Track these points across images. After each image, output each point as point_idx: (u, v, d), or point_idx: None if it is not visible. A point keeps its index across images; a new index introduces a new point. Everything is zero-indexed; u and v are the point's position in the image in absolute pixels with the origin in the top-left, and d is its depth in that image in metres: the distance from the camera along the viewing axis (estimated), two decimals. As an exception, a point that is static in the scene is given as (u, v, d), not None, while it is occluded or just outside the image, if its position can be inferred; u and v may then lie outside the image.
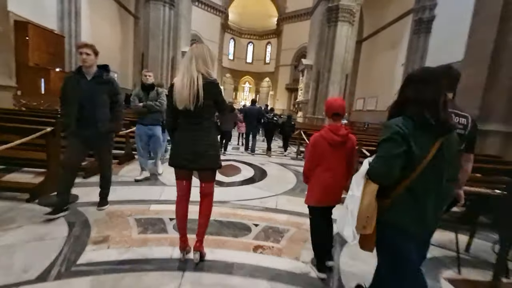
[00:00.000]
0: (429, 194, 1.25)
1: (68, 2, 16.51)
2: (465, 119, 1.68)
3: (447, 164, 1.26)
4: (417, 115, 1.22)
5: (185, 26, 19.40)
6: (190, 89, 1.81)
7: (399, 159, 1.21)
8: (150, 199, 3.34)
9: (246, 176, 4.83)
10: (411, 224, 1.27)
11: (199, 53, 1.89)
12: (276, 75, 32.64)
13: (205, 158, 1.94)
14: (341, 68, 18.14)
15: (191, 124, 1.93)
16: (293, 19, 30.02)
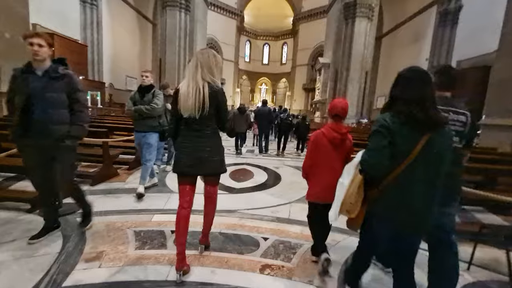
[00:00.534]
0: (417, 186, 1.30)
1: (90, 13, 17.09)
2: (464, 116, 1.69)
3: (438, 159, 1.30)
4: (404, 112, 1.30)
5: (201, 31, 19.48)
6: (195, 98, 1.79)
7: (386, 149, 1.30)
8: (154, 208, 3.13)
9: (258, 182, 4.52)
10: (396, 214, 1.33)
11: (205, 61, 1.85)
12: (293, 75, 32.14)
13: (208, 164, 1.92)
14: (360, 66, 17.40)
15: (193, 130, 1.90)
16: (309, 18, 29.46)
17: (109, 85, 18.57)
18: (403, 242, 1.40)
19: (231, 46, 30.81)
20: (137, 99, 3.52)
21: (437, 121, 1.29)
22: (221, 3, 28.15)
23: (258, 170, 5.28)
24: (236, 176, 4.70)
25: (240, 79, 34.37)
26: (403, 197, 1.31)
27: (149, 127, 3.55)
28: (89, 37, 17.05)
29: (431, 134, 1.28)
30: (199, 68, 1.83)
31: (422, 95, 1.30)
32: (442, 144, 1.31)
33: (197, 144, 1.89)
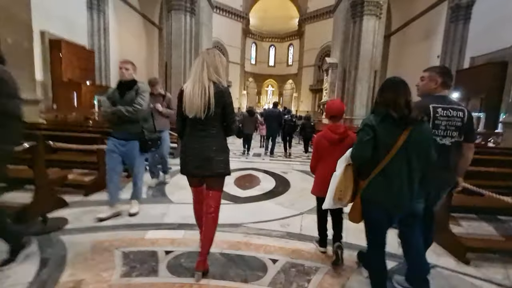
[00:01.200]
0: (401, 176, 1.53)
1: (98, 19, 17.09)
2: (462, 112, 1.80)
3: (418, 151, 1.52)
4: (382, 112, 1.56)
5: (206, 34, 19.28)
6: (201, 99, 1.74)
7: (369, 143, 1.55)
8: (149, 222, 2.78)
9: (266, 189, 4.13)
10: (383, 199, 1.56)
11: (211, 61, 1.81)
12: (300, 76, 31.66)
13: (213, 163, 1.85)
14: (369, 65, 16.84)
15: (198, 130, 1.85)
16: (315, 19, 28.97)
17: (116, 90, 18.56)
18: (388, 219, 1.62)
19: (237, 49, 30.58)
20: (116, 98, 2.78)
21: (411, 118, 1.50)
22: (227, 6, 27.97)
23: (265, 176, 4.89)
24: (241, 183, 4.33)
25: (247, 81, 34.08)
26: (388, 185, 1.54)
27: (130, 134, 2.80)
28: (96, 43, 17.04)
29: (410, 129, 1.50)
30: (205, 68, 1.78)
31: (395, 98, 1.52)
32: (421, 138, 1.52)
33: (203, 144, 1.84)
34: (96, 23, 17.01)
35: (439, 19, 16.39)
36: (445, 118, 1.78)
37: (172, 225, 2.71)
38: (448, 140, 1.79)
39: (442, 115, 1.78)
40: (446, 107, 1.79)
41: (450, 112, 1.78)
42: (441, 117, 1.78)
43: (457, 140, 1.80)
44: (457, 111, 1.79)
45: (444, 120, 1.78)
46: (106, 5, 17.34)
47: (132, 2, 19.80)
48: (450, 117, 1.78)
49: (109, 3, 17.64)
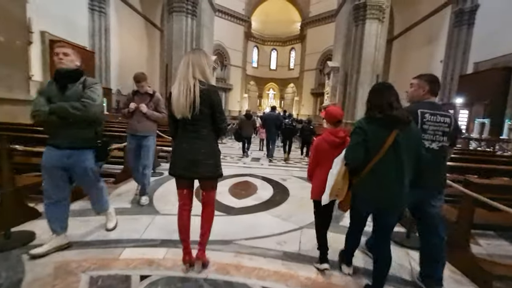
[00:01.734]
0: (390, 174, 1.62)
1: (99, 20, 16.89)
2: (449, 118, 1.88)
3: (406, 151, 1.60)
4: (371, 115, 1.68)
5: (208, 36, 19.05)
6: (186, 97, 1.69)
7: (361, 145, 1.64)
8: (127, 238, 2.42)
9: (262, 198, 3.77)
10: (372, 196, 1.69)
11: (196, 60, 1.76)
12: (301, 80, 31.40)
13: (203, 167, 1.81)
14: (371, 68, 16.54)
15: (188, 131, 1.80)
16: (317, 23, 28.78)
17: (116, 91, 18.29)
18: (382, 216, 1.75)
19: (239, 52, 30.39)
20: (53, 93, 2.00)
21: (399, 118, 1.58)
22: (229, 9, 27.82)
23: (262, 183, 4.54)
24: (237, 191, 3.98)
25: (248, 84, 33.85)
26: (378, 182, 1.63)
27: (80, 140, 2.08)
28: (97, 44, 16.84)
29: (398, 131, 1.58)
30: (190, 67, 1.74)
31: (380, 101, 1.63)
32: (409, 139, 1.60)
33: (192, 146, 1.79)
34: (97, 24, 16.81)
35: (443, 23, 16.10)
36: (433, 123, 1.84)
37: (154, 241, 2.37)
38: (436, 144, 1.85)
39: (429, 120, 1.84)
40: (434, 112, 1.85)
41: (437, 118, 1.85)
42: (428, 122, 1.84)
43: (444, 144, 1.87)
44: (444, 117, 1.86)
45: (432, 125, 1.84)
46: (107, 6, 17.15)
47: (133, 3, 19.63)
48: (437, 123, 1.84)
49: (111, 4, 17.46)
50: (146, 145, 3.31)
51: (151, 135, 3.37)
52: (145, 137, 3.30)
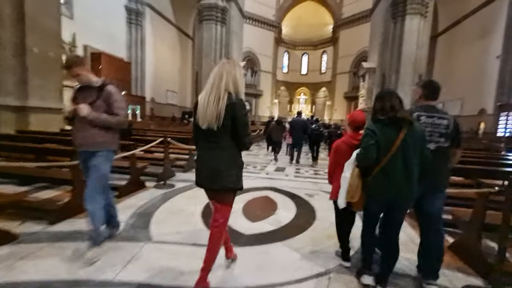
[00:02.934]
0: (399, 172, 1.69)
1: (135, 33, 17.61)
2: (447, 120, 1.93)
3: (414, 148, 1.69)
4: (378, 118, 1.77)
5: (237, 42, 18.88)
6: (214, 108, 1.60)
7: (373, 146, 1.71)
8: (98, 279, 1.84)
9: (281, 221, 2.97)
10: (384, 194, 1.74)
11: (230, 71, 1.66)
12: (333, 84, 29.97)
13: (223, 177, 1.68)
14: (413, 68, 14.96)
15: (209, 142, 1.70)
16: (350, 24, 27.36)
17: (150, 100, 18.87)
18: (392, 211, 1.81)
19: (269, 58, 30.00)
20: None
21: (400, 118, 1.68)
22: (259, 16, 27.65)
23: (284, 200, 3.74)
24: (252, 210, 3.28)
25: (278, 90, 33.24)
26: (388, 181, 1.71)
27: None
28: (133, 55, 17.57)
29: (405, 131, 1.68)
30: (223, 78, 1.65)
31: (382, 105, 1.76)
32: (415, 138, 1.70)
33: (214, 156, 1.70)
34: (134, 36, 17.53)
35: (498, 15, 14.02)
36: (429, 125, 1.92)
37: (127, 286, 1.81)
38: (432, 144, 1.91)
39: (426, 122, 1.92)
40: (431, 115, 1.93)
41: (434, 120, 1.92)
42: (424, 124, 1.90)
43: (442, 145, 1.92)
44: (442, 119, 1.93)
45: (429, 126, 1.91)
46: (143, 19, 17.83)
47: (167, 15, 20.28)
48: (434, 124, 1.92)
49: (146, 17, 18.14)
50: (94, 166, 2.14)
51: (100, 150, 2.17)
52: (91, 153, 2.15)
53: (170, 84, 21.41)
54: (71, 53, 13.77)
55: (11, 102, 6.14)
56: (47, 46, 6.80)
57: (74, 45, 13.85)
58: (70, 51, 13.74)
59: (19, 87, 6.25)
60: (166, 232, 2.59)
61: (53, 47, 7.07)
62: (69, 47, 13.65)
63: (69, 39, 13.64)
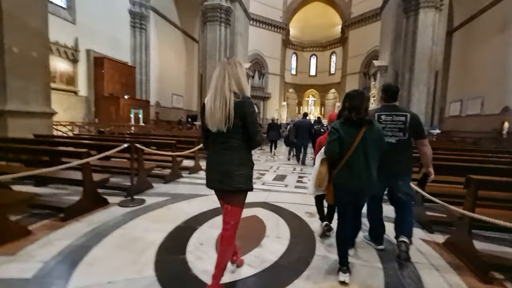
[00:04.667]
0: (360, 164, 1.89)
1: (140, 37, 17.19)
2: (404, 117, 2.21)
3: (371, 145, 1.91)
4: (345, 116, 1.96)
5: (242, 44, 18.17)
6: (222, 112, 1.57)
7: (335, 142, 1.91)
8: None
9: (266, 259, 2.10)
10: (348, 183, 1.93)
11: (233, 72, 1.62)
12: (343, 85, 28.76)
13: (234, 178, 1.63)
14: (428, 65, 13.77)
15: (219, 143, 1.67)
16: (360, 24, 26.24)
17: (155, 104, 18.38)
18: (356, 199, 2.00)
19: (277, 60, 29.19)
20: None
21: (366, 120, 1.89)
22: (266, 18, 26.95)
23: (276, 221, 2.86)
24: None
25: (287, 92, 32.32)
26: (352, 172, 1.90)
27: None
28: (137, 59, 17.14)
29: (364, 129, 1.89)
30: (226, 79, 1.60)
31: (359, 105, 1.91)
32: (374, 135, 1.92)
33: (224, 157, 1.66)
34: (138, 40, 17.11)
35: (523, 4, 12.68)
36: (389, 122, 2.22)
37: None
38: (393, 138, 2.22)
39: (386, 120, 2.23)
40: (390, 113, 2.24)
41: (393, 118, 2.22)
42: (384, 122, 2.22)
43: (402, 138, 2.21)
44: (400, 116, 2.21)
45: (388, 123, 2.22)
46: (147, 23, 17.40)
47: (172, 19, 19.83)
48: (393, 121, 2.21)
49: (151, 21, 17.71)
50: None
51: None
52: None
53: (176, 88, 20.92)
54: (74, 57, 13.46)
55: (-14, 106, 5.56)
56: (30, 46, 6.23)
57: (76, 50, 13.49)
58: (73, 56, 13.41)
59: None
60: (90, 284, 1.75)
61: (37, 46, 6.49)
62: (72, 51, 13.30)
63: (71, 44, 13.30)
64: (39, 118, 6.51)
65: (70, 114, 13.39)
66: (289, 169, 6.28)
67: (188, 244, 2.29)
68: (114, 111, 14.47)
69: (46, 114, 6.74)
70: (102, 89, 14.63)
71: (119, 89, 15.32)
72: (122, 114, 14.53)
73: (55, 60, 12.63)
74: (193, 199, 3.54)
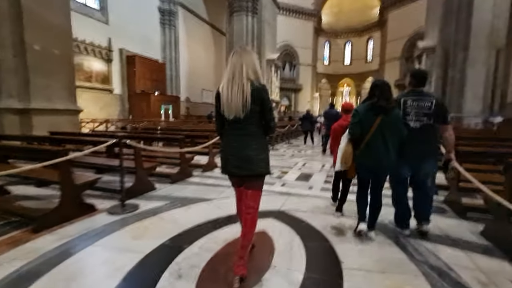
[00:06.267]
0: (379, 146, 2.10)
1: (169, 34, 17.23)
2: (430, 102, 2.18)
3: (390, 128, 2.09)
4: (371, 103, 2.13)
5: (270, 33, 17.24)
6: (240, 99, 1.56)
7: (357, 124, 2.14)
8: None
9: None
10: (368, 162, 2.17)
11: (249, 61, 1.62)
12: (382, 72, 26.21)
13: (254, 163, 1.63)
14: (487, 41, 11.59)
15: (237, 129, 1.66)
16: (400, 4, 23.50)
17: (185, 99, 18.43)
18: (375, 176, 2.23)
19: (308, 50, 27.61)
20: None
21: (386, 108, 2.06)
22: (297, 7, 25.49)
23: (290, 241, 2.13)
24: (220, 272, 1.71)
25: (319, 83, 30.58)
26: (372, 152, 2.13)
27: None
28: (168, 56, 17.23)
29: (383, 115, 2.06)
30: (244, 67, 1.58)
31: (375, 93, 2.11)
32: (390, 121, 2.08)
33: (243, 143, 1.65)
34: (167, 37, 17.15)
35: None
36: (415, 107, 2.19)
37: None
38: (418, 123, 2.19)
39: (411, 105, 2.20)
40: (416, 98, 2.21)
41: (419, 103, 2.19)
42: (410, 107, 2.21)
43: (427, 123, 2.18)
44: (426, 101, 2.18)
45: (414, 108, 2.20)
46: (176, 19, 17.35)
47: (200, 13, 19.58)
48: (419, 106, 2.19)
49: (179, 17, 17.63)
50: None
51: None
52: None
53: (205, 83, 20.80)
54: (108, 57, 13.84)
55: (13, 104, 5.59)
56: (51, 43, 6.16)
57: (110, 49, 13.84)
58: (107, 56, 13.79)
59: (22, 88, 5.67)
60: None
61: (60, 44, 6.41)
62: (106, 51, 13.67)
63: (105, 44, 13.66)
64: (63, 115, 6.50)
65: (106, 112, 13.85)
66: (317, 166, 5.39)
67: (162, 276, 1.66)
68: (145, 107, 14.69)
69: (70, 111, 6.73)
70: (134, 87, 14.93)
71: (150, 85, 15.52)
72: (153, 110, 14.70)
73: (91, 60, 13.07)
74: (193, 205, 2.94)
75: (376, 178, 2.22)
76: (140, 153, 3.18)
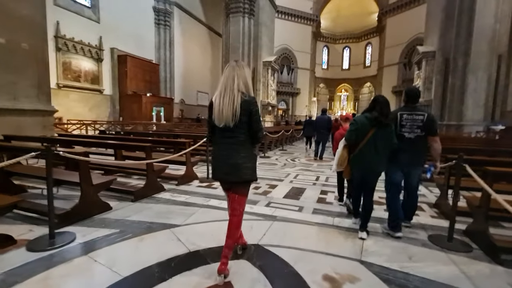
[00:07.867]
0: (371, 153, 2.32)
1: (164, 34, 16.60)
2: (422, 116, 2.47)
3: (382, 141, 2.31)
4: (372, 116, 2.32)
5: (267, 35, 16.69)
6: (229, 109, 1.65)
7: (353, 131, 2.36)
8: None
9: None
10: (360, 165, 2.42)
11: (240, 74, 1.73)
12: (380, 77, 25.79)
13: (241, 170, 1.73)
14: (489, 47, 11.09)
15: (226, 138, 1.75)
16: (399, 10, 23.17)
17: (180, 101, 17.78)
18: (366, 178, 2.44)
19: (307, 54, 27.15)
20: None
21: (383, 123, 2.28)
22: (296, 10, 25.06)
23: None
24: None
25: (317, 87, 30.09)
26: (364, 157, 2.36)
27: None
28: (162, 56, 16.61)
29: (377, 129, 2.30)
30: (235, 81, 1.69)
31: (380, 110, 2.29)
32: (384, 135, 2.30)
33: (232, 151, 1.74)
34: (162, 37, 16.53)
35: None
36: (409, 121, 2.48)
37: None
38: (412, 134, 2.47)
39: (407, 118, 2.49)
40: (410, 113, 2.50)
41: (413, 117, 2.48)
42: (405, 120, 2.49)
43: (419, 134, 2.47)
44: (418, 115, 2.47)
45: (409, 121, 2.49)
46: (172, 19, 16.75)
47: (197, 14, 19.01)
48: (413, 120, 2.47)
49: (175, 17, 17.04)
50: None
51: None
52: None
53: (201, 85, 20.18)
54: (98, 56, 13.18)
55: (-30, 102, 4.89)
56: (19, 36, 5.50)
57: (100, 48, 13.19)
58: (97, 55, 13.13)
59: (-18, 85, 4.99)
60: None
61: (29, 37, 5.73)
62: (96, 50, 13.02)
63: (95, 43, 13.01)
64: (31, 116, 5.80)
65: (95, 113, 13.17)
66: (310, 178, 4.74)
67: None
68: (136, 109, 14.02)
69: (41, 112, 6.05)
70: (126, 87, 14.26)
71: (143, 87, 14.87)
72: (145, 112, 14.03)
73: (80, 59, 12.39)
74: (149, 234, 2.27)
75: (366, 181, 2.45)
76: (86, 165, 2.50)
